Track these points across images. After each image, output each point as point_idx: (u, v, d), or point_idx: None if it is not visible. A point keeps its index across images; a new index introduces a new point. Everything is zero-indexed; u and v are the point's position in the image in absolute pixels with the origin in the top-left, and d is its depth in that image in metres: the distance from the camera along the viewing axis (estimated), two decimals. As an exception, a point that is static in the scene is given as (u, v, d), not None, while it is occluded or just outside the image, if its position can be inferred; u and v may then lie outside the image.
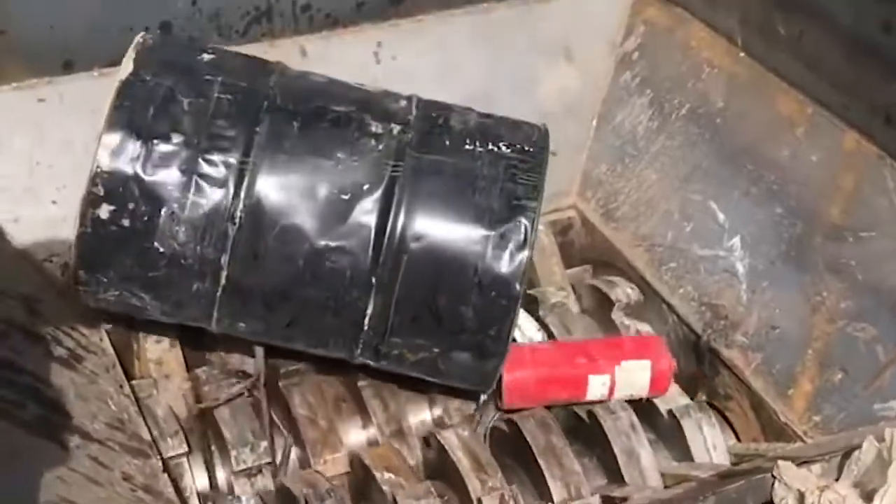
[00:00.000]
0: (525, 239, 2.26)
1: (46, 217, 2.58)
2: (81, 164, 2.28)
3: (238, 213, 2.24)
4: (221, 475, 2.43)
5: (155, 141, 2.23)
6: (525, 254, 2.26)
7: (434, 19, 2.99)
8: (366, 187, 2.26)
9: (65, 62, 2.64)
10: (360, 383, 2.53)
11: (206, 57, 2.37)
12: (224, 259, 2.26)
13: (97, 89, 2.58)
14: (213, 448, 2.45)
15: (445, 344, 2.33)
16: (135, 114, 2.25)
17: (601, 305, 2.79)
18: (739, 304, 2.63)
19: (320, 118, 2.31)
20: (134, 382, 2.48)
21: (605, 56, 3.11)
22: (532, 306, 2.77)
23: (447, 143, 2.33)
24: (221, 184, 2.24)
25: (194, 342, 2.57)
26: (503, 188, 2.29)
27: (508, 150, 2.33)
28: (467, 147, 2.33)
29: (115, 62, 2.64)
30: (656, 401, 2.56)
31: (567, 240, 3.05)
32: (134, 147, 2.22)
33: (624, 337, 2.69)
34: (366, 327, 2.31)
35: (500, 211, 2.27)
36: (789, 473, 1.92)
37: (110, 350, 2.48)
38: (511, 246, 2.26)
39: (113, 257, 2.27)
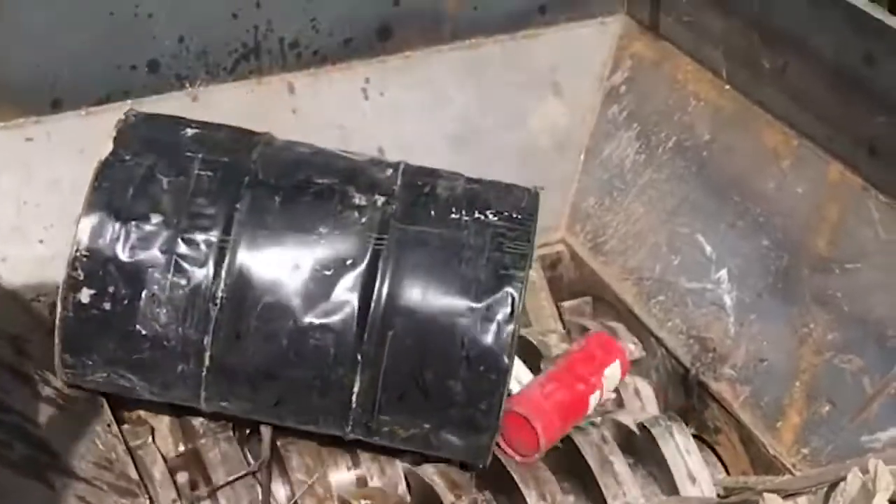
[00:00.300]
0: (512, 310, 2.22)
1: (34, 256, 2.58)
2: (69, 204, 2.30)
3: (219, 293, 2.22)
4: None
5: (134, 222, 2.22)
6: (512, 326, 2.22)
7: (422, 55, 3.00)
8: (349, 262, 2.23)
9: (53, 101, 2.65)
10: (359, 449, 2.49)
11: (189, 132, 2.36)
12: (207, 340, 2.24)
13: (85, 128, 2.61)
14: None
15: (435, 420, 2.30)
16: (114, 195, 2.24)
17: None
18: (727, 337, 2.63)
19: (303, 191, 2.29)
20: (125, 427, 2.45)
21: (593, 90, 3.12)
22: (532, 357, 2.74)
23: (432, 212, 2.30)
24: (202, 263, 2.23)
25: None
26: (490, 258, 2.25)
27: (496, 218, 2.29)
28: (453, 216, 2.29)
29: (104, 101, 2.69)
30: (626, 420, 2.57)
31: (556, 274, 3.05)
32: (113, 229, 2.22)
33: (587, 344, 2.67)
34: (354, 405, 2.28)
35: (486, 281, 2.23)
36: (774, 506, 1.92)
37: (98, 389, 2.47)
38: (498, 318, 2.22)
39: (96, 341, 2.27)
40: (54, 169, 2.61)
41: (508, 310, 2.23)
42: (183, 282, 2.22)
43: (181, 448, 2.49)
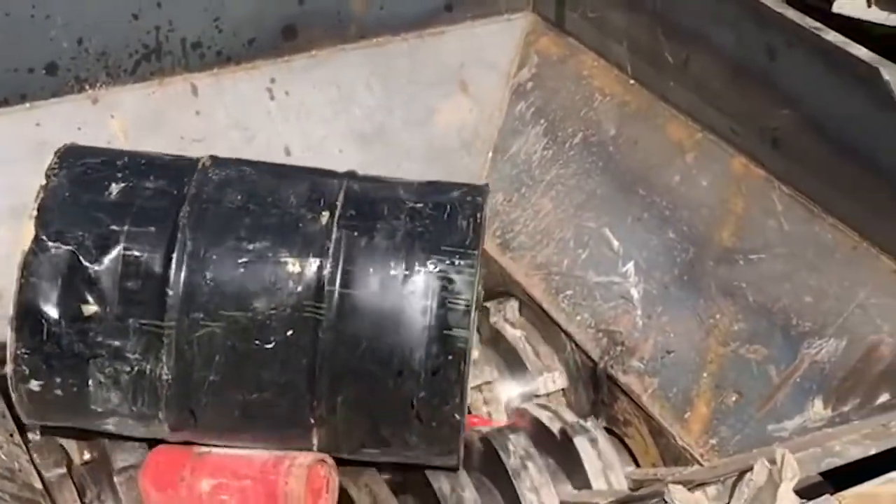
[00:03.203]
0: (461, 374, 2.21)
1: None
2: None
3: (164, 375, 2.21)
4: None
5: (68, 318, 2.19)
6: (462, 384, 2.22)
7: (328, 54, 3.00)
8: (290, 333, 2.20)
9: (-52, 105, 2.61)
10: None
11: (113, 191, 2.25)
12: (161, 415, 2.26)
13: (-16, 130, 2.56)
14: None
15: (397, 458, 2.34)
16: (42, 289, 2.19)
17: (495, 336, 2.80)
18: (635, 330, 2.64)
19: (233, 261, 2.21)
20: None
21: (500, 87, 3.13)
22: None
23: (371, 270, 2.22)
24: (142, 348, 2.20)
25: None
26: (434, 317, 2.20)
27: (437, 269, 2.21)
28: (393, 272, 2.22)
29: (1, 104, 2.64)
30: (546, 422, 2.57)
31: (465, 271, 3.04)
32: (48, 326, 2.19)
33: None
34: (316, 449, 2.31)
35: (432, 345, 2.20)
36: (680, 497, 1.92)
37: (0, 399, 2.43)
38: (448, 377, 2.21)
39: (55, 417, 2.32)
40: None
41: (456, 372, 2.21)
42: (126, 368, 2.21)
43: (87, 456, 2.45)
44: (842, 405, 2.29)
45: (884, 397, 2.25)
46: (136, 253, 2.20)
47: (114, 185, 2.26)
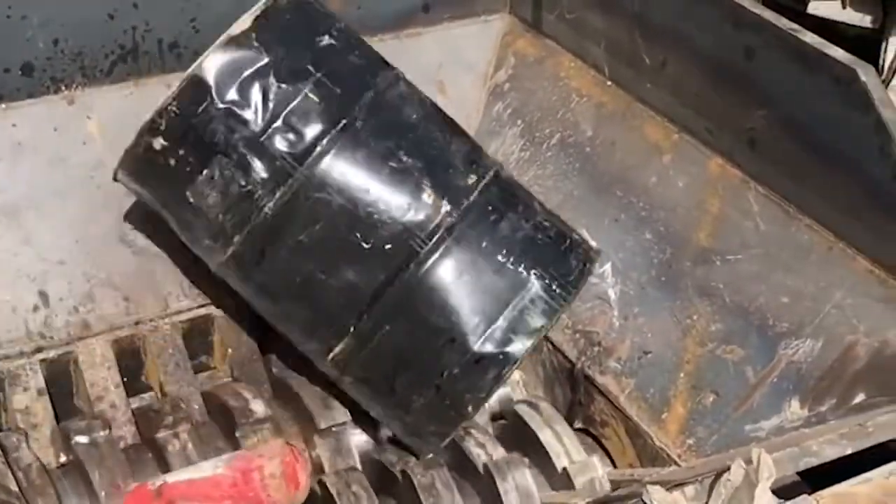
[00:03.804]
0: (499, 377, 2.31)
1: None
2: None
3: (266, 209, 2.29)
4: None
5: (228, 106, 2.28)
6: (494, 390, 2.34)
7: (305, 55, 2.98)
8: (388, 247, 2.29)
9: (-75, 103, 2.60)
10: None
11: (324, 41, 2.40)
12: (237, 238, 2.33)
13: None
14: None
15: (388, 414, 2.42)
16: (223, 74, 2.29)
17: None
18: (612, 331, 2.64)
19: (384, 161, 2.34)
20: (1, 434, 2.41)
21: (478, 88, 3.13)
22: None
23: (484, 244, 2.35)
24: (266, 175, 2.29)
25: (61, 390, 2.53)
26: (509, 318, 2.32)
27: (537, 282, 2.35)
28: (500, 258, 2.35)
29: (-22, 103, 2.62)
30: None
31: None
32: (207, 103, 2.28)
33: None
34: (328, 360, 2.37)
35: (492, 338, 2.30)
36: (658, 497, 1.92)
37: (-26, 400, 2.42)
38: (486, 374, 2.32)
39: (151, 180, 2.40)
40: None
41: (496, 374, 2.32)
42: (242, 181, 2.29)
43: (62, 459, 2.44)
44: (818, 405, 2.30)
45: (860, 397, 2.26)
46: (316, 99, 2.32)
47: (326, 37, 2.42)
